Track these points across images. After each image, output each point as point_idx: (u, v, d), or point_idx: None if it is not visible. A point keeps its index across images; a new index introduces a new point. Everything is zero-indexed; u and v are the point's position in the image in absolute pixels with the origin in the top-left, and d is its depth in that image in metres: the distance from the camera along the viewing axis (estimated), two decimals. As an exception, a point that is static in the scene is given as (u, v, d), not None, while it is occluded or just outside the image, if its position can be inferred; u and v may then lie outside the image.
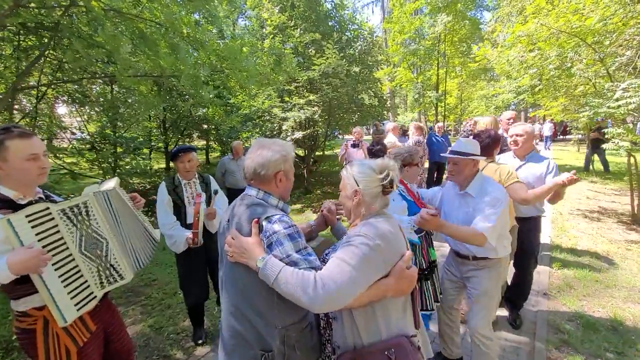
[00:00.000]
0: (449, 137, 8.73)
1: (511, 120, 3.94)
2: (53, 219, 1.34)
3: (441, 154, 3.47)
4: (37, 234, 1.27)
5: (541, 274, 3.78)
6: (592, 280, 3.66)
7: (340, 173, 1.39)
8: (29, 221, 1.25)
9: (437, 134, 7.56)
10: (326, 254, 1.34)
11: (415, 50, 15.34)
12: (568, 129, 10.45)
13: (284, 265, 1.10)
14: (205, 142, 11.30)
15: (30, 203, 1.37)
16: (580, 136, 14.08)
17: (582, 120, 6.38)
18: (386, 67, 15.81)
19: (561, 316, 3.05)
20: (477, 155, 2.07)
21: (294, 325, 1.25)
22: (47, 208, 1.32)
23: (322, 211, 1.65)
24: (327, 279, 1.06)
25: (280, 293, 1.10)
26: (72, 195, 4.28)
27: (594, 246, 4.63)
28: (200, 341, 2.85)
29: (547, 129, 15.18)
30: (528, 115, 20.67)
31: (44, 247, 1.28)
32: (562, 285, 3.61)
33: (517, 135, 2.78)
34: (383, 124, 10.18)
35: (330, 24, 10.08)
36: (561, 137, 21.08)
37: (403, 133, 8.20)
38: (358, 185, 1.28)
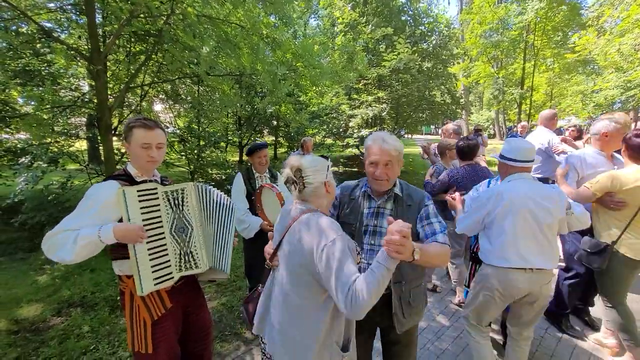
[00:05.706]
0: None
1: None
2: (157, 198, 1.54)
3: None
4: (141, 207, 1.47)
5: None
6: None
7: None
8: (139, 195, 1.46)
9: (519, 134, 6.80)
10: None
11: (498, 42, 13.93)
12: None
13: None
14: (274, 138, 11.87)
15: (144, 182, 1.59)
16: None
17: None
18: (462, 62, 14.72)
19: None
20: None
21: None
22: (155, 188, 1.53)
23: None
24: None
25: None
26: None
27: None
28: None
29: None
30: (639, 115, 17.31)
31: (144, 220, 1.47)
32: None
33: None
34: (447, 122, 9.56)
35: (403, 18, 9.75)
36: None
37: (476, 132, 7.60)
38: None
